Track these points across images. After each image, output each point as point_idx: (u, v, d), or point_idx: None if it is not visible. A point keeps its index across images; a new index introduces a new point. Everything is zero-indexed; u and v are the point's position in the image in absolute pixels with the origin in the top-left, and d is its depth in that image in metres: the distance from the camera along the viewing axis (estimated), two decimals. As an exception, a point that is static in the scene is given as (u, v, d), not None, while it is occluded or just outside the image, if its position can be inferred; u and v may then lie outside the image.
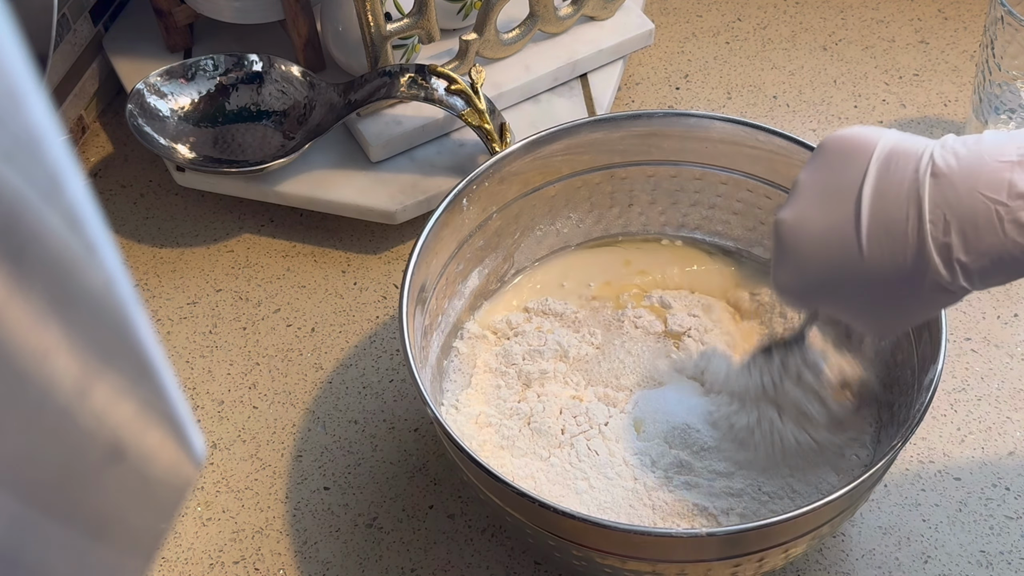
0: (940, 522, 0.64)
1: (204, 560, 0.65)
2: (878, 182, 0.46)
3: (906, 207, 0.45)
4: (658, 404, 0.64)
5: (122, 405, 0.28)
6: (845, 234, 0.47)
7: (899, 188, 0.45)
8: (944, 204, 0.44)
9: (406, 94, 0.75)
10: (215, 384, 0.73)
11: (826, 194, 0.48)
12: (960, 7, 0.94)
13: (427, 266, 0.63)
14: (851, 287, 0.48)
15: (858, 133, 0.48)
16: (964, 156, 0.45)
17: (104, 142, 0.88)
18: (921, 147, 0.46)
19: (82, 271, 0.25)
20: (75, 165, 0.24)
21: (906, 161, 0.46)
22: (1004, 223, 0.43)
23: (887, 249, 0.46)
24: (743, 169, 0.68)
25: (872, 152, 0.47)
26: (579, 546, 0.54)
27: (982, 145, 0.45)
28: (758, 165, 0.67)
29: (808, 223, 0.48)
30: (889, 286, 0.47)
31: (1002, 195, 0.43)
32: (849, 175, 0.47)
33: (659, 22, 0.94)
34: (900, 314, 0.49)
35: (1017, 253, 0.44)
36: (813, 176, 0.49)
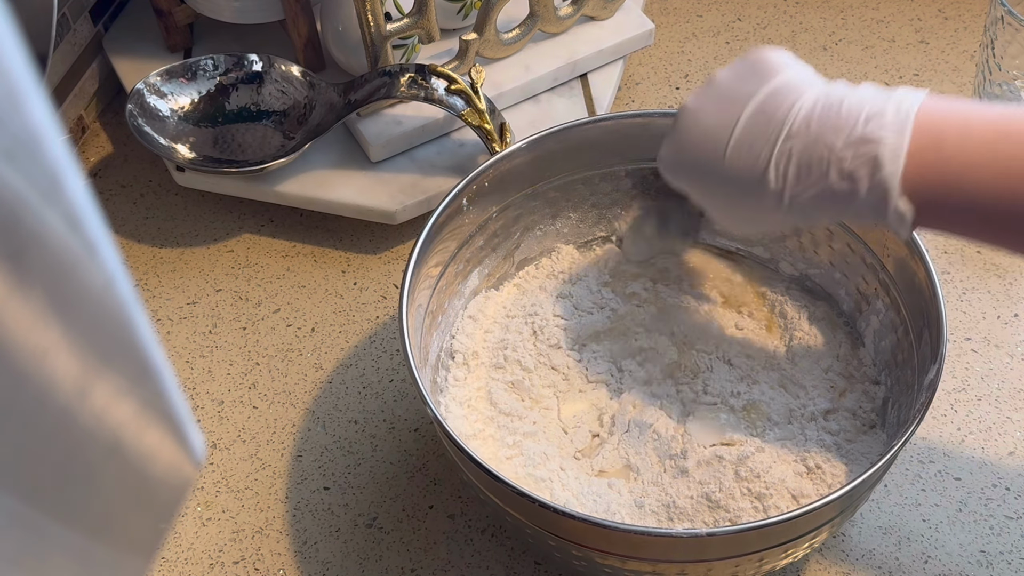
0: (940, 522, 0.64)
1: (204, 560, 0.65)
2: (761, 104, 0.52)
3: (770, 131, 0.51)
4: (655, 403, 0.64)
5: (122, 405, 0.28)
6: (721, 135, 0.53)
7: (773, 114, 0.51)
8: (795, 138, 0.50)
9: (406, 94, 0.75)
10: (215, 384, 0.73)
11: (725, 97, 0.53)
12: (960, 7, 0.94)
13: (427, 266, 0.63)
14: (711, 180, 0.54)
15: (775, 56, 0.54)
16: (829, 102, 0.50)
17: (104, 142, 0.88)
18: (809, 85, 0.52)
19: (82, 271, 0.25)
20: (75, 165, 0.24)
21: (790, 95, 0.51)
22: (829, 168, 0.49)
23: (743, 161, 0.52)
24: None
25: (774, 77, 0.52)
26: (579, 546, 0.54)
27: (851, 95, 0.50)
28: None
29: (701, 116, 0.54)
30: (738, 191, 0.53)
31: (838, 142, 0.49)
32: (748, 88, 0.53)
33: (659, 22, 0.94)
34: (747, 218, 0.54)
35: (833, 197, 0.50)
36: (727, 77, 0.54)
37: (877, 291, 0.64)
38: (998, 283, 0.75)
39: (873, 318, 0.65)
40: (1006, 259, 0.76)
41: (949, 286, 0.74)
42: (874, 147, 0.48)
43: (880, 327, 0.64)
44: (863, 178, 0.49)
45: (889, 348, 0.63)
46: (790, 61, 0.54)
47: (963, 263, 0.76)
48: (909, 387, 0.58)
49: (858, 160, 0.49)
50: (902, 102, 0.49)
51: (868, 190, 0.49)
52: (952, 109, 0.49)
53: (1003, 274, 0.75)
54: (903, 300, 0.62)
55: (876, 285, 0.64)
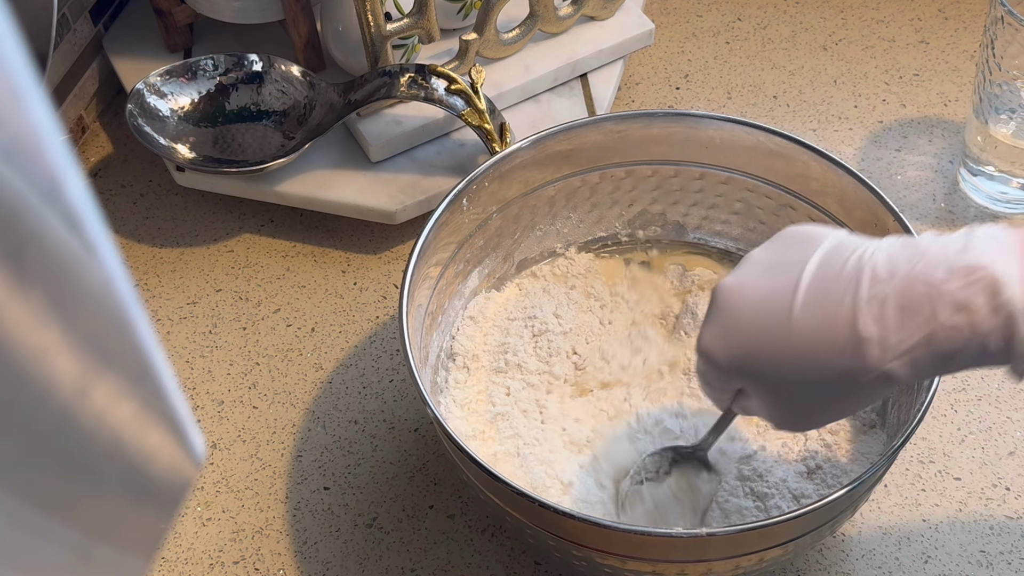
0: (940, 522, 0.64)
1: (204, 560, 0.65)
2: (823, 260, 0.47)
3: (845, 282, 0.45)
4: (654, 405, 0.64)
5: (122, 405, 0.28)
6: (780, 300, 0.47)
7: (842, 266, 0.46)
8: (883, 283, 0.44)
9: (406, 94, 0.75)
10: (215, 384, 0.73)
11: (772, 268, 0.48)
12: (960, 7, 0.94)
13: (427, 266, 0.63)
14: (775, 355, 0.47)
15: (817, 227, 0.49)
16: (909, 243, 0.46)
17: (104, 142, 0.88)
18: (868, 240, 0.47)
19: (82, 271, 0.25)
20: (75, 165, 0.24)
21: (853, 247, 0.47)
22: (936, 303, 0.43)
23: (818, 317, 0.45)
24: (743, 169, 0.68)
25: (824, 240, 0.48)
26: (579, 546, 0.54)
27: (927, 237, 0.46)
28: (758, 165, 0.67)
29: (747, 289, 0.48)
30: (815, 361, 0.46)
31: (939, 273, 0.43)
32: (798, 255, 0.47)
33: (659, 22, 0.94)
34: (819, 399, 0.48)
35: (945, 335, 0.43)
36: (764, 254, 0.49)
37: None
38: (998, 283, 0.75)
39: None
40: (1006, 259, 0.76)
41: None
42: (985, 271, 0.43)
43: None
44: (981, 307, 0.43)
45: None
46: (831, 229, 0.49)
47: (963, 263, 0.76)
48: (909, 387, 0.58)
49: (972, 288, 0.43)
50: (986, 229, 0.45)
51: (989, 319, 0.43)
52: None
53: (1003, 274, 0.75)
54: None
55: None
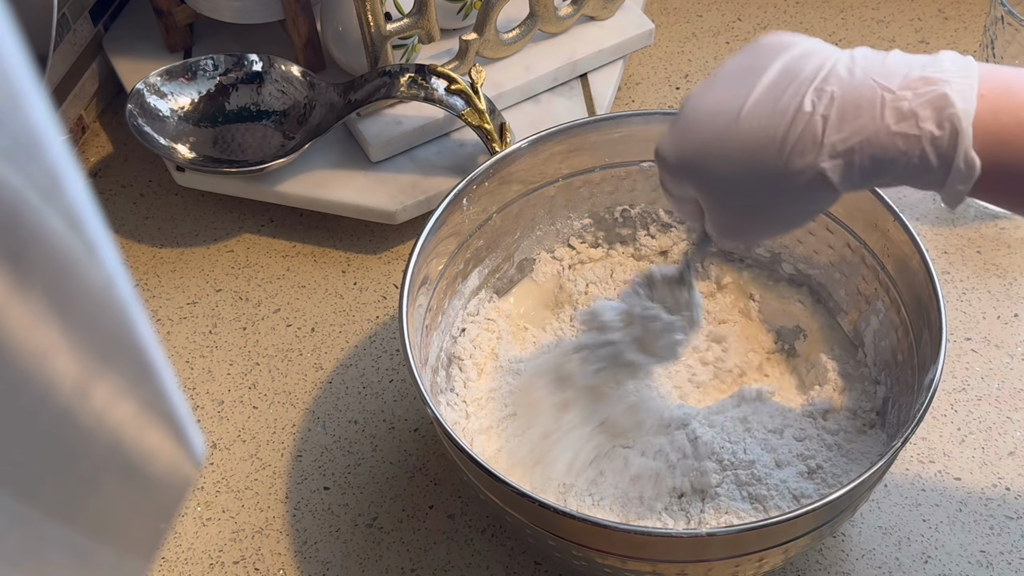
0: (940, 522, 0.64)
1: (204, 560, 0.65)
2: (785, 64, 0.45)
3: (799, 83, 0.44)
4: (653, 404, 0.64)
5: (122, 405, 0.28)
6: (733, 102, 0.46)
7: (801, 69, 0.45)
8: (836, 83, 0.43)
9: (406, 94, 0.75)
10: (215, 384, 0.73)
11: (736, 74, 0.47)
12: (960, 7, 0.94)
13: (427, 266, 0.63)
14: (720, 153, 0.46)
15: (788, 35, 0.48)
16: (870, 56, 0.44)
17: (104, 142, 0.88)
18: (835, 51, 0.46)
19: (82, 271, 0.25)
20: (75, 165, 0.24)
21: (816, 56, 0.45)
22: (885, 107, 0.42)
23: (765, 115, 0.44)
24: None
25: (792, 48, 0.46)
26: (579, 546, 0.54)
27: (893, 53, 0.44)
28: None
29: (707, 94, 0.47)
30: (754, 155, 0.45)
31: (893, 83, 0.42)
32: (763, 61, 0.46)
33: (659, 22, 0.94)
34: (758, 202, 0.47)
35: (886, 140, 0.42)
36: (734, 62, 0.48)
37: (877, 291, 0.64)
38: (998, 283, 0.75)
39: (873, 318, 0.65)
40: (1006, 259, 0.76)
41: (949, 286, 0.74)
42: (940, 86, 0.41)
43: (880, 327, 0.64)
44: (928, 118, 0.41)
45: (889, 348, 0.63)
46: (805, 38, 0.47)
47: (963, 263, 0.76)
48: (909, 387, 0.58)
49: (921, 99, 0.41)
50: (956, 55, 0.43)
51: (933, 135, 0.41)
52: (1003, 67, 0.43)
53: (1003, 274, 0.75)
54: (903, 300, 0.62)
55: (876, 285, 0.64)
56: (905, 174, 0.43)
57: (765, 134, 0.44)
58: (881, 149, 0.43)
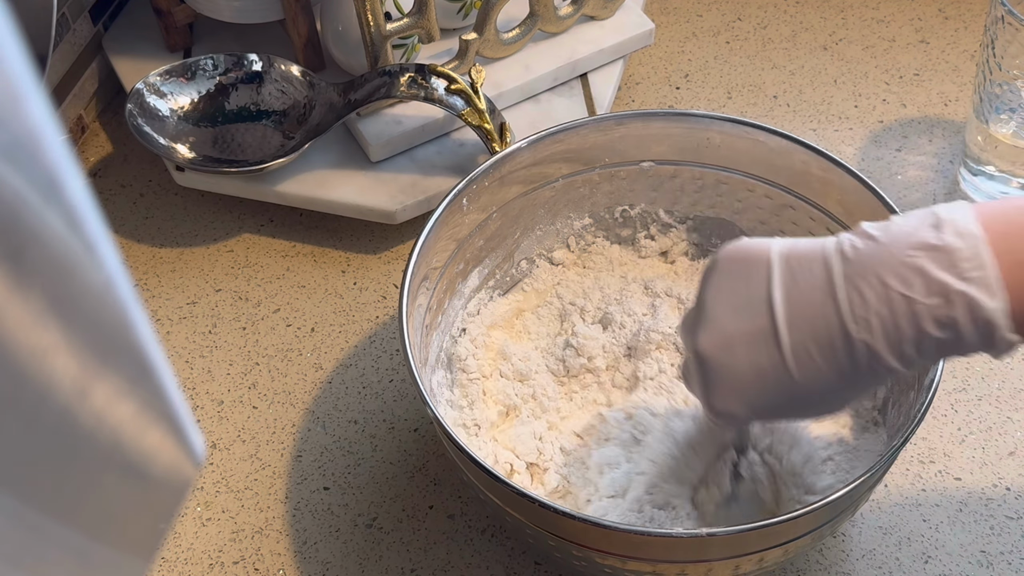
0: (940, 522, 0.64)
1: (204, 560, 0.65)
2: (787, 289, 0.46)
3: (824, 313, 0.45)
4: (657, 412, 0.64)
5: (122, 405, 0.28)
6: (768, 351, 0.46)
7: (812, 294, 0.45)
8: (863, 306, 0.44)
9: (406, 94, 0.75)
10: (215, 384, 0.73)
11: (736, 310, 0.47)
12: (960, 7, 0.94)
13: (427, 266, 0.63)
14: (787, 399, 0.47)
15: (747, 244, 0.48)
16: (872, 250, 0.44)
17: (104, 142, 0.88)
18: (818, 247, 0.46)
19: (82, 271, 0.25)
20: (75, 165, 0.24)
21: (811, 264, 0.45)
22: (923, 321, 0.43)
23: (815, 359, 0.45)
24: (743, 169, 0.68)
25: (768, 259, 0.47)
26: (579, 546, 0.54)
27: (891, 234, 0.44)
28: (758, 165, 0.67)
29: (730, 345, 0.47)
30: (824, 391, 0.46)
31: (918, 293, 0.43)
32: (755, 287, 0.46)
33: (659, 22, 0.94)
34: (837, 405, 0.49)
35: (935, 343, 0.44)
36: (717, 295, 0.48)
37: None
38: (998, 283, 0.75)
39: None
40: (1006, 259, 0.76)
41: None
42: (963, 288, 0.42)
43: None
44: (964, 323, 0.43)
45: None
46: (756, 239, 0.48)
47: (963, 263, 0.76)
48: (909, 387, 0.58)
49: (953, 306, 0.43)
50: (958, 226, 0.43)
51: (973, 331, 0.43)
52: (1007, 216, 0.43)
53: (1003, 274, 0.75)
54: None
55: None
56: (960, 354, 0.45)
57: (825, 377, 0.45)
58: (934, 350, 0.44)
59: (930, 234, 0.43)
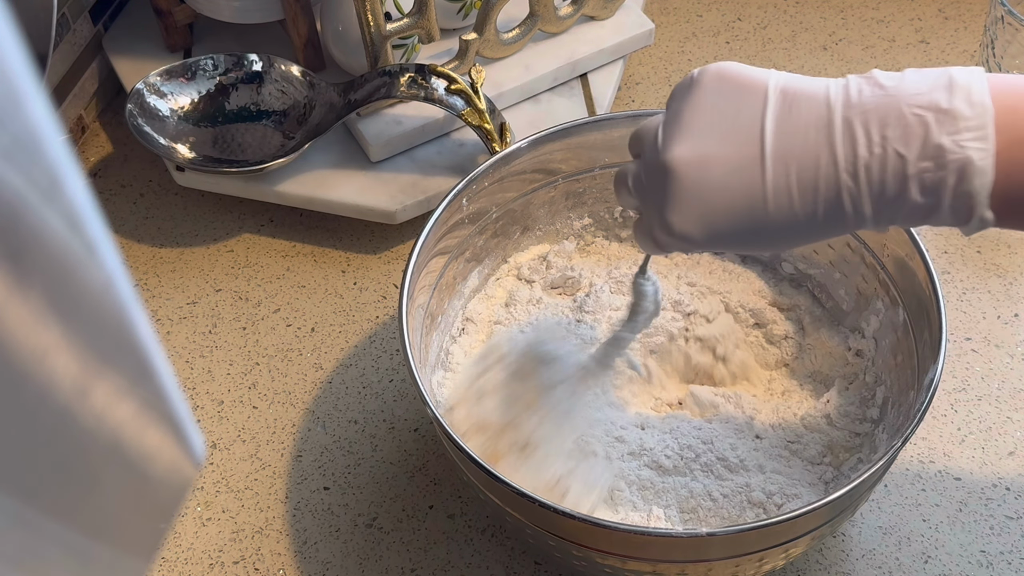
0: (940, 522, 0.64)
1: (204, 560, 0.65)
2: (780, 120, 0.44)
3: (816, 152, 0.43)
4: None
5: (122, 405, 0.28)
6: (751, 179, 0.44)
7: (808, 131, 0.43)
8: (853, 151, 0.43)
9: (406, 94, 0.75)
10: (215, 384, 0.73)
11: (723, 132, 0.45)
12: (960, 7, 0.94)
13: (427, 266, 0.63)
14: (755, 231, 0.45)
15: (741, 68, 0.46)
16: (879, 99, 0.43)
17: (104, 142, 0.88)
18: (822, 85, 0.44)
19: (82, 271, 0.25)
20: (75, 165, 0.24)
21: (811, 102, 0.44)
22: (909, 182, 0.42)
23: (795, 196, 0.44)
24: None
25: (765, 87, 0.45)
26: (579, 546, 0.54)
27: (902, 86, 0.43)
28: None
29: (710, 163, 0.45)
30: (794, 229, 0.45)
31: (912, 152, 0.42)
32: (747, 112, 0.44)
33: (659, 22, 0.94)
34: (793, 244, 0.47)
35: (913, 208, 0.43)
36: (699, 111, 0.45)
37: (877, 291, 0.64)
38: (998, 283, 0.75)
39: (873, 318, 0.64)
40: (1006, 259, 0.76)
41: (949, 286, 0.74)
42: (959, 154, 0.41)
43: (880, 327, 0.64)
44: (948, 190, 0.42)
45: (889, 348, 0.63)
46: (749, 67, 0.46)
47: (963, 263, 0.76)
48: (909, 387, 0.58)
49: (942, 171, 0.42)
50: (971, 94, 0.42)
51: (951, 203, 0.42)
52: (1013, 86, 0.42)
53: (1003, 274, 0.75)
54: (903, 300, 0.62)
55: (876, 285, 0.64)
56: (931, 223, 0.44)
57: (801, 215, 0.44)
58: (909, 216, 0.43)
59: (942, 96, 0.42)
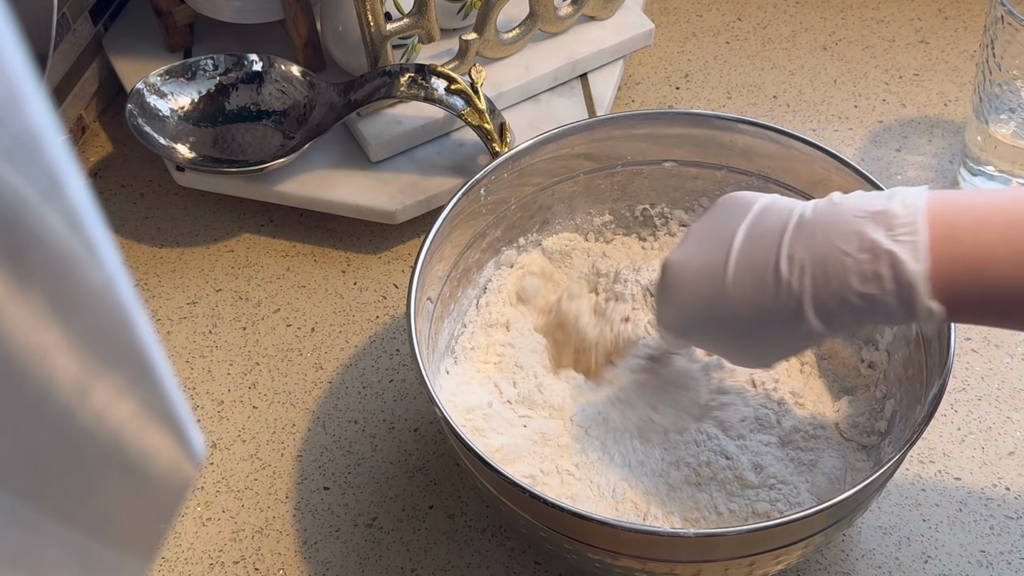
0: (940, 522, 0.64)
1: (204, 560, 0.65)
2: (750, 228, 0.51)
3: (769, 250, 0.49)
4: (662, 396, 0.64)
5: (122, 405, 0.28)
6: (716, 272, 0.51)
7: (768, 235, 0.50)
8: (803, 249, 0.48)
9: (406, 94, 0.75)
10: (215, 384, 0.73)
11: (708, 239, 0.52)
12: (960, 7, 0.94)
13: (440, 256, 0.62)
14: (718, 322, 0.52)
15: (743, 193, 0.54)
16: (828, 209, 0.49)
17: (104, 142, 0.88)
18: (794, 204, 0.51)
19: (82, 271, 0.25)
20: (75, 165, 0.24)
21: (778, 213, 0.50)
22: (848, 272, 0.47)
23: (748, 287, 0.50)
24: (765, 173, 0.67)
25: (754, 204, 0.52)
26: (571, 540, 0.54)
27: (848, 200, 0.49)
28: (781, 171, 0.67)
29: (688, 264, 0.53)
30: (750, 322, 0.51)
31: (851, 247, 0.47)
32: (730, 223, 0.52)
33: (659, 22, 0.94)
34: (762, 349, 0.53)
35: (857, 300, 0.47)
36: (703, 226, 0.54)
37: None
38: (998, 283, 0.75)
39: (887, 330, 0.64)
40: (1006, 259, 0.76)
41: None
42: (892, 247, 0.46)
43: (894, 340, 0.63)
44: (887, 279, 0.46)
45: (901, 361, 0.62)
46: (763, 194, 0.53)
47: (963, 263, 0.76)
48: (917, 401, 0.58)
49: (878, 263, 0.46)
50: (906, 197, 0.47)
51: (895, 291, 0.46)
52: (956, 200, 0.47)
53: (1003, 274, 0.75)
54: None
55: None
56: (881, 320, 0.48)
57: (752, 305, 0.50)
58: (855, 308, 0.48)
59: (880, 202, 0.48)
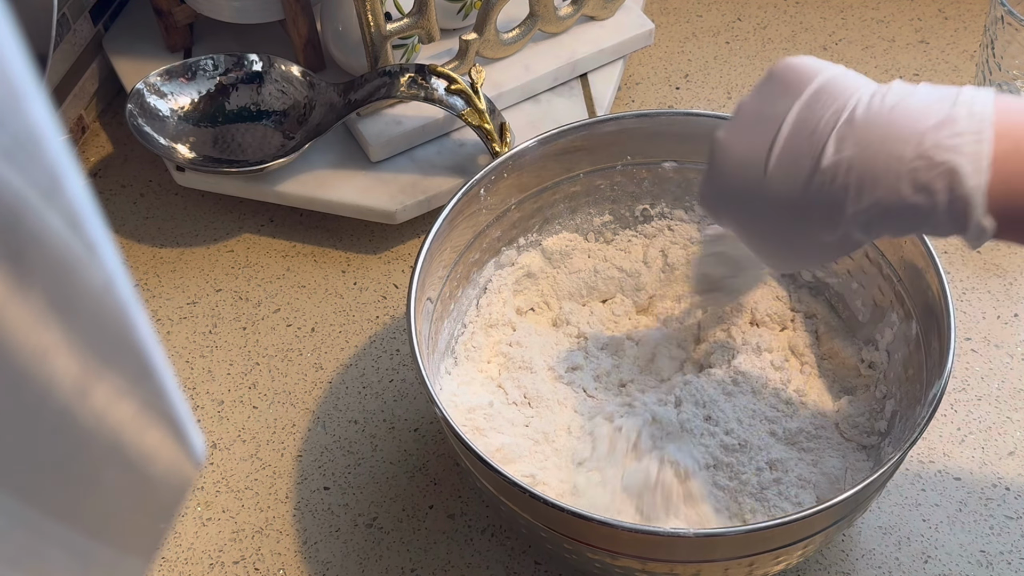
0: (940, 522, 0.64)
1: (204, 560, 0.65)
2: (800, 113, 0.47)
3: (817, 142, 0.46)
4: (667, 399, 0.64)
5: (122, 405, 0.28)
6: (758, 159, 0.48)
7: (816, 123, 0.46)
8: (852, 146, 0.45)
9: (406, 94, 0.75)
10: (215, 384, 0.73)
11: (758, 120, 0.49)
12: (960, 7, 0.94)
13: (440, 256, 0.62)
14: (755, 210, 0.50)
15: (802, 63, 0.49)
16: (884, 108, 0.45)
17: (104, 142, 0.88)
18: (854, 87, 0.47)
19: (82, 271, 0.25)
20: (75, 165, 0.24)
21: (834, 99, 0.46)
22: (900, 179, 0.44)
23: (789, 180, 0.47)
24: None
25: (811, 82, 0.48)
26: (570, 539, 0.54)
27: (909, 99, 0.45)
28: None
29: (735, 144, 0.50)
30: (786, 215, 0.48)
31: (907, 152, 0.43)
32: (782, 104, 0.48)
33: (659, 22, 0.94)
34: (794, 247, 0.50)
35: (904, 210, 0.44)
36: (753, 102, 0.50)
37: (892, 303, 0.63)
38: (998, 283, 0.75)
39: (887, 330, 0.64)
40: (1006, 259, 0.76)
41: (949, 286, 0.74)
42: (952, 156, 0.43)
43: (894, 340, 0.63)
44: (941, 191, 0.43)
45: (901, 361, 0.62)
46: (823, 63, 0.48)
47: (963, 263, 0.76)
48: (917, 401, 0.58)
49: (934, 172, 0.43)
50: (974, 104, 0.44)
51: (947, 205, 0.43)
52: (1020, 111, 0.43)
53: (1003, 274, 0.75)
54: (916, 312, 0.61)
55: (892, 297, 0.63)
56: (925, 231, 0.46)
57: (791, 199, 0.47)
58: (900, 218, 0.45)
59: (946, 105, 0.44)
